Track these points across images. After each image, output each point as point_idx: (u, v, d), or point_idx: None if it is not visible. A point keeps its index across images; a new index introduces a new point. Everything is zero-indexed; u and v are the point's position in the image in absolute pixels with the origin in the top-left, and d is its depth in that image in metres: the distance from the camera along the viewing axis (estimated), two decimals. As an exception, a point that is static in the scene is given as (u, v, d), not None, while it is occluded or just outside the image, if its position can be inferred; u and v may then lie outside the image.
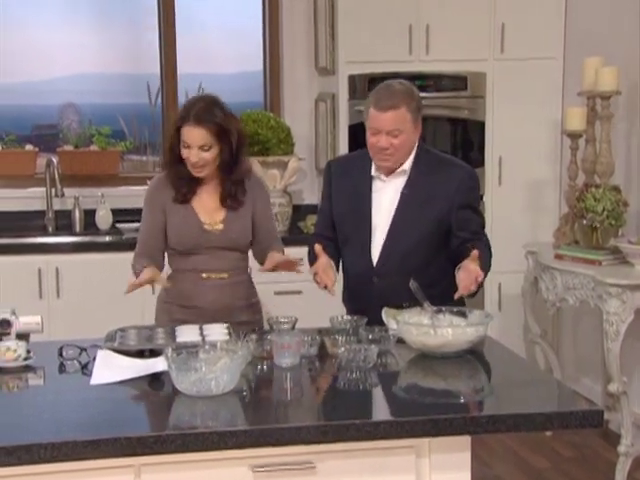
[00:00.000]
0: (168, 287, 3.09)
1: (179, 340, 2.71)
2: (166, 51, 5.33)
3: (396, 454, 2.19)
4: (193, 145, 3.02)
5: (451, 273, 2.86)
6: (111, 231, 5.06)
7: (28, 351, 2.64)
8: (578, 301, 4.26)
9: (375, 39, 4.83)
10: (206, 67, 5.48)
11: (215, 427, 2.10)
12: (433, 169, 3.07)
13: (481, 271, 2.80)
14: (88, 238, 4.99)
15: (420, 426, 2.14)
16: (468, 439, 2.23)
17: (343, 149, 4.87)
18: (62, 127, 5.41)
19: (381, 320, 2.85)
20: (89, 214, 5.11)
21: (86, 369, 2.59)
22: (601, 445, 4.45)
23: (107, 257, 4.62)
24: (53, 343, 2.76)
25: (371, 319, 2.84)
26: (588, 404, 2.30)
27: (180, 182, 3.11)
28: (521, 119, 4.97)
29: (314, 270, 3.00)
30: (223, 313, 3.05)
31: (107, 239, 4.97)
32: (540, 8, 4.95)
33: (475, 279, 2.78)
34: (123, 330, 2.87)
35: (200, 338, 2.72)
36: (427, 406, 2.28)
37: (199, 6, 5.48)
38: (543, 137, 5.02)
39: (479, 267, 2.80)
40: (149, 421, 2.26)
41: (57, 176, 4.98)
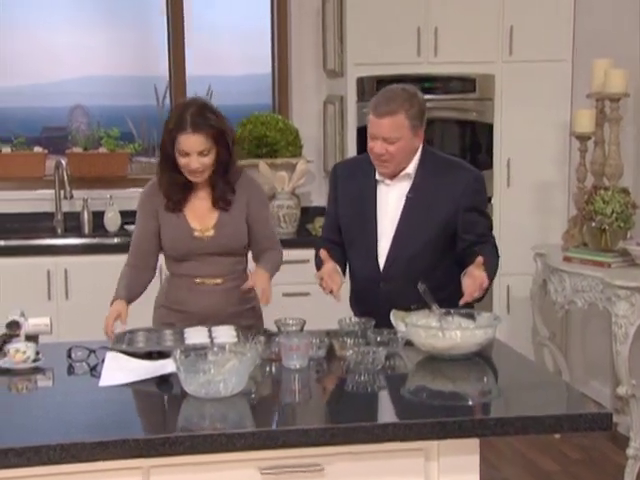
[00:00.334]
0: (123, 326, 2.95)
1: (188, 342, 2.71)
2: (174, 53, 5.34)
3: (404, 457, 2.19)
4: (192, 152, 2.95)
5: (458, 276, 2.85)
6: (119, 233, 5.07)
7: (37, 353, 2.65)
8: (587, 303, 4.25)
9: (383, 41, 4.83)
10: (214, 69, 5.49)
11: (223, 429, 2.10)
12: (438, 172, 3.06)
13: (486, 277, 2.79)
14: (97, 240, 5.01)
15: (428, 429, 2.13)
16: (476, 442, 2.22)
17: (351, 151, 4.88)
18: (71, 129, 5.42)
19: (388, 323, 2.85)
20: (98, 216, 5.12)
21: (95, 371, 2.59)
22: (610, 448, 4.43)
23: (115, 259, 4.56)
24: (62, 345, 2.77)
25: (378, 322, 2.84)
26: (597, 407, 2.29)
27: (173, 190, 3.06)
28: (530, 121, 4.96)
29: (320, 275, 2.99)
30: (217, 319, 2.99)
31: (115, 241, 4.98)
32: (548, 10, 4.95)
33: (480, 285, 2.77)
34: (132, 332, 2.87)
35: (209, 340, 2.72)
36: (435, 408, 2.28)
37: (208, 8, 5.49)
38: (552, 139, 5.02)
39: (484, 273, 2.79)
40: (157, 423, 2.26)
41: (66, 178, 5.00)
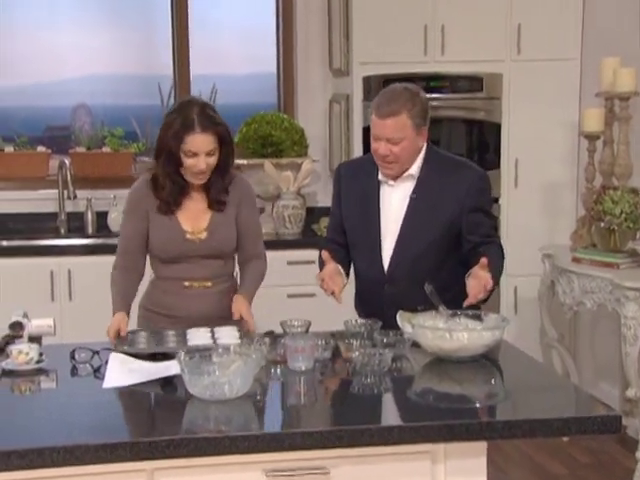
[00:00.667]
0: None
1: (190, 343, 2.72)
2: (179, 52, 5.34)
3: (411, 460, 2.19)
4: (201, 152, 2.93)
5: (463, 277, 2.85)
6: (123, 233, 5.06)
7: (40, 354, 2.65)
8: (596, 305, 4.25)
9: (390, 40, 4.83)
10: (219, 68, 5.48)
11: (228, 431, 2.11)
12: (442, 172, 3.05)
13: (491, 278, 2.78)
14: (100, 240, 5.01)
15: (435, 431, 2.13)
16: (484, 444, 2.22)
17: (357, 151, 4.87)
18: (74, 128, 5.42)
19: (393, 325, 2.84)
20: (101, 216, 5.12)
21: (98, 372, 2.59)
22: (619, 451, 4.42)
23: (119, 259, 4.64)
24: (65, 346, 2.78)
25: (383, 324, 2.84)
26: (606, 409, 2.28)
27: (172, 192, 3.02)
28: (538, 120, 4.95)
29: (321, 277, 2.99)
30: (206, 323, 2.95)
31: (119, 241, 4.98)
32: (557, 8, 4.94)
33: (484, 287, 2.77)
34: (134, 333, 2.87)
35: (212, 341, 2.72)
36: (442, 411, 2.28)
37: (212, 6, 5.49)
38: (560, 139, 5.01)
39: (489, 274, 2.79)
40: (162, 425, 2.26)
41: (69, 178, 5.00)
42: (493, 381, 2.61)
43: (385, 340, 2.70)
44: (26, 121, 5.41)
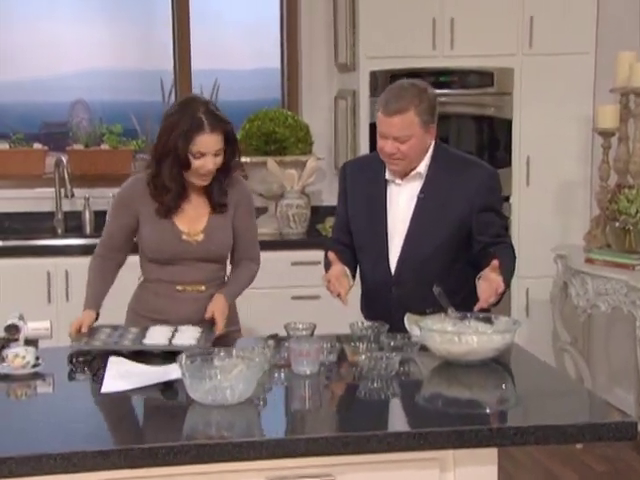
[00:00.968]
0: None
1: (146, 341, 2.77)
2: (180, 46, 5.35)
3: (419, 467, 2.19)
4: (209, 152, 2.94)
5: (473, 279, 2.85)
6: (122, 233, 5.07)
7: (37, 357, 2.66)
8: (610, 307, 4.25)
9: (397, 34, 4.83)
10: (221, 63, 5.49)
11: (230, 437, 2.11)
12: (451, 170, 3.06)
13: (502, 281, 2.78)
14: (98, 240, 5.00)
15: (444, 438, 2.13)
16: (494, 451, 2.22)
17: (364, 148, 4.88)
18: (72, 125, 5.43)
19: (401, 328, 2.85)
20: (100, 215, 5.12)
21: (96, 376, 2.59)
22: (635, 458, 4.42)
23: (118, 260, 4.65)
24: (63, 349, 2.79)
25: (389, 328, 2.83)
26: (621, 415, 2.28)
27: (175, 195, 3.02)
28: (550, 117, 4.95)
29: (327, 278, 3.00)
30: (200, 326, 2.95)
31: (118, 241, 4.99)
32: (571, 0, 4.93)
33: (495, 290, 2.77)
34: (95, 329, 2.93)
35: (167, 341, 2.76)
36: (451, 417, 2.28)
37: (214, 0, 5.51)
38: (573, 136, 5.00)
39: (500, 276, 2.78)
40: (162, 431, 2.26)
41: (67, 176, 5.01)
42: (504, 386, 2.61)
43: (392, 343, 2.70)
44: (22, 117, 5.42)
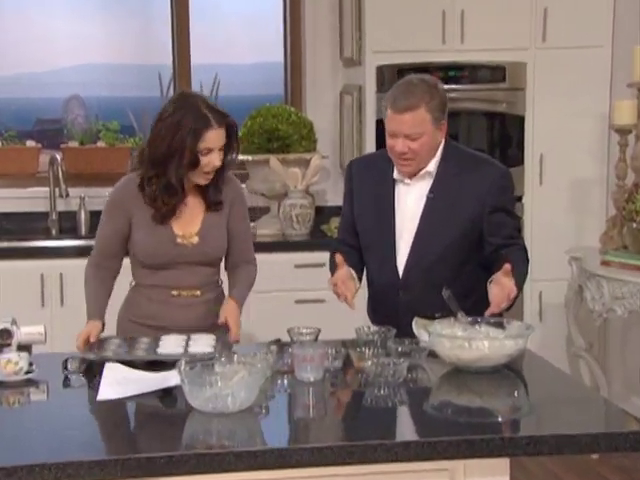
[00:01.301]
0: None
1: (160, 351, 2.75)
2: (179, 40, 5.35)
3: (428, 477, 2.19)
4: (216, 148, 2.96)
5: (484, 283, 2.85)
6: (119, 234, 5.07)
7: (30, 364, 2.66)
8: (627, 311, 4.24)
9: (405, 27, 4.83)
10: (222, 57, 5.50)
11: (231, 447, 2.11)
12: (461, 169, 3.06)
13: (515, 286, 2.78)
14: (94, 242, 5.01)
15: (454, 447, 2.13)
16: (506, 462, 2.22)
17: (370, 146, 4.88)
18: (67, 122, 5.44)
19: (409, 333, 2.85)
20: (95, 216, 5.06)
21: (92, 383, 2.60)
22: (652, 470, 4.42)
23: (115, 262, 4.65)
24: (57, 355, 2.79)
25: (397, 333, 2.83)
26: (638, 424, 2.28)
27: (180, 195, 3.01)
28: (564, 113, 4.95)
29: (333, 281, 3.00)
30: (194, 333, 2.94)
31: (115, 243, 4.99)
32: (586, -9, 4.94)
33: (508, 295, 2.76)
34: (104, 339, 2.91)
35: (183, 350, 2.75)
36: (462, 425, 2.28)
37: (215, -9, 5.52)
38: (589, 132, 5.00)
39: (513, 281, 2.78)
40: (160, 440, 2.26)
41: (61, 175, 5.01)
42: (516, 393, 2.61)
43: (400, 349, 2.70)
44: (15, 114, 5.44)
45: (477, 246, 3.04)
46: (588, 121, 4.98)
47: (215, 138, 2.95)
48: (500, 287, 2.78)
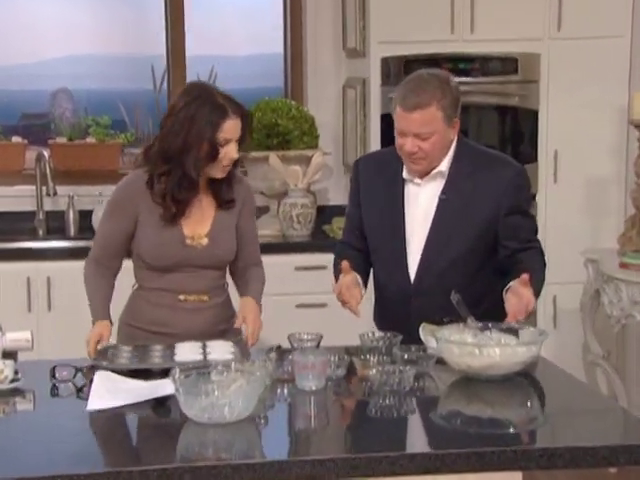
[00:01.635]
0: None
1: (178, 359, 2.73)
2: (173, 30, 5.36)
3: (436, 492, 2.20)
4: (234, 138, 2.99)
5: (498, 288, 2.85)
6: (110, 235, 5.07)
7: (16, 372, 2.66)
8: (646, 317, 4.25)
9: (412, 16, 4.83)
10: (218, 48, 5.50)
11: (229, 459, 2.11)
12: (475, 169, 3.05)
13: (533, 296, 2.77)
14: (84, 243, 5.00)
15: (464, 460, 2.14)
16: (519, 475, 2.22)
17: (374, 142, 4.88)
18: (54, 116, 5.45)
19: (419, 341, 2.85)
20: (85, 215, 5.14)
21: (82, 392, 2.61)
22: (674, 484, 4.42)
23: (105, 265, 4.66)
24: (44, 362, 2.79)
25: (407, 341, 2.83)
26: (658, 436, 2.29)
27: (193, 190, 3.02)
28: (581, 107, 4.95)
29: (338, 288, 3.00)
30: (201, 340, 2.93)
31: (105, 244, 5.00)
32: (603, -22, 4.94)
33: (526, 306, 2.75)
34: (115, 347, 2.89)
35: (202, 356, 2.74)
36: (471, 437, 2.28)
37: (210, -21, 5.53)
38: (606, 128, 5.00)
39: (531, 290, 2.77)
40: (153, 452, 2.26)
41: (49, 172, 5.02)
42: (529, 403, 2.62)
43: (406, 356, 2.70)
44: (-1, 108, 5.45)
45: (492, 249, 3.03)
46: (605, 115, 4.98)
47: (233, 128, 2.98)
48: (518, 298, 2.77)
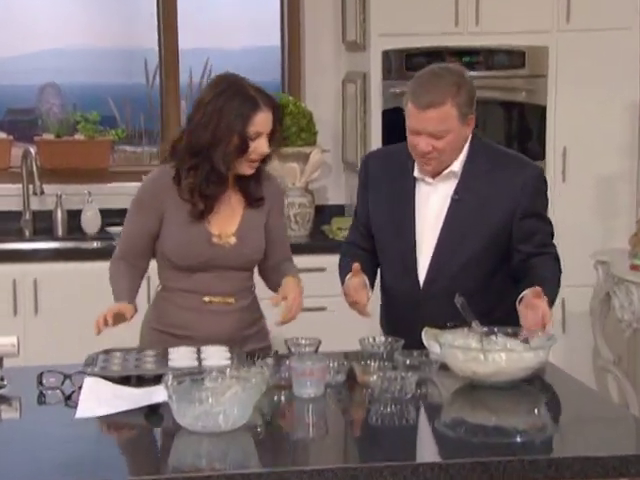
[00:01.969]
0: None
1: (172, 364, 2.73)
2: (165, 22, 5.35)
3: (439, 503, 2.20)
4: (265, 132, 3.00)
5: (512, 297, 2.85)
6: (99, 236, 5.08)
7: (1, 378, 2.66)
8: (659, 321, 4.25)
9: (414, 8, 4.83)
10: (213, 41, 5.51)
11: (223, 469, 2.12)
12: (491, 168, 3.04)
13: (549, 309, 2.75)
14: (72, 244, 5.02)
15: (468, 470, 2.14)
16: (526, 486, 2.23)
17: (375, 139, 4.88)
18: (41, 112, 5.45)
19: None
20: (73, 215, 5.14)
21: (70, 400, 2.61)
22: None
23: (94, 266, 4.63)
24: (31, 369, 2.78)
25: (415, 346, 2.82)
26: (671, 445, 2.29)
27: (222, 184, 3.03)
28: (590, 102, 4.95)
29: (345, 290, 3.02)
30: (227, 345, 2.94)
31: (95, 245, 5.00)
32: (613, -32, 4.95)
33: (542, 319, 2.73)
34: (107, 353, 2.89)
35: (196, 362, 2.74)
36: (476, 446, 2.29)
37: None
38: (617, 124, 5.00)
39: (546, 301, 2.75)
40: (145, 462, 2.27)
41: (35, 170, 5.01)
42: (536, 411, 2.62)
43: (408, 362, 2.70)
44: (-18, 103, 5.45)
45: (506, 253, 3.03)
46: (616, 111, 4.98)
47: (265, 121, 2.99)
48: (534, 311, 2.75)
